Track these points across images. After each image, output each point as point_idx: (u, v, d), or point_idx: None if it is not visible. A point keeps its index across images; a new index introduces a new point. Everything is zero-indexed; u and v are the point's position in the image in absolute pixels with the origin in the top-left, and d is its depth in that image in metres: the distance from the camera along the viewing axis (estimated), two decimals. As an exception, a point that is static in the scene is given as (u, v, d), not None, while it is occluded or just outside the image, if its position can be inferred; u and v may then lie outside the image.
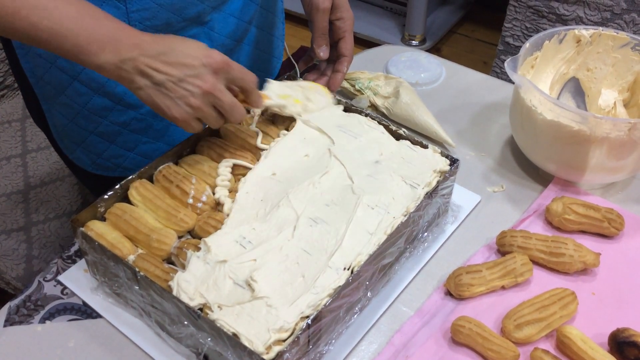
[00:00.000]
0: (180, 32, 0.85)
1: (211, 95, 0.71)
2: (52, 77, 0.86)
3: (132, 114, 0.89)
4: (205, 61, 0.70)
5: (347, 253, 0.70)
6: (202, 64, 0.70)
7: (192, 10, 0.84)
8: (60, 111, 0.90)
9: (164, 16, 0.82)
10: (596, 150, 0.84)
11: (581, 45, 0.97)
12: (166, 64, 0.69)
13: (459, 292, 0.76)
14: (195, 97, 0.70)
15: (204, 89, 0.70)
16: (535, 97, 0.86)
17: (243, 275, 0.68)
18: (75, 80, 0.85)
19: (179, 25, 0.84)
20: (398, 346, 0.73)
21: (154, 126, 0.91)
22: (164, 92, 0.70)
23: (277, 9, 1.05)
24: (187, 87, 0.70)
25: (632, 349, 0.69)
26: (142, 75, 0.69)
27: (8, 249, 1.26)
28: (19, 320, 0.75)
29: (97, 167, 0.95)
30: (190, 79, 0.70)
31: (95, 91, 0.86)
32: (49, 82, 0.87)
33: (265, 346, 0.61)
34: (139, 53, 0.68)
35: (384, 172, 0.80)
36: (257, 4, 0.96)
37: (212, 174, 0.80)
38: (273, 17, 1.04)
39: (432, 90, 1.12)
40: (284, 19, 1.10)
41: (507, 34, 1.78)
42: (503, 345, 0.70)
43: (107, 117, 0.89)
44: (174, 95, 0.70)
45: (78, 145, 0.93)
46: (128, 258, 0.71)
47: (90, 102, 0.87)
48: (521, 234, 0.81)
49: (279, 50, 1.10)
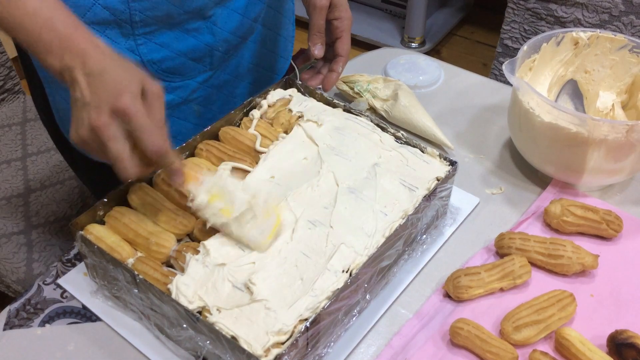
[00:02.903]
0: (182, 24, 0.85)
1: (97, 133, 0.64)
2: None
3: None
4: (114, 98, 0.64)
5: (346, 256, 0.70)
6: (110, 99, 0.64)
7: (194, 3, 0.84)
8: (63, 95, 0.90)
9: (165, 7, 0.82)
10: (594, 153, 0.84)
11: (579, 48, 0.97)
12: (90, 85, 0.65)
13: (457, 294, 0.76)
14: (84, 129, 0.65)
15: (92, 123, 0.64)
16: (533, 100, 0.86)
17: (242, 278, 0.68)
18: None
19: (180, 17, 0.84)
20: (397, 348, 0.73)
21: None
22: (73, 110, 0.66)
23: (285, 10, 1.05)
24: (84, 115, 0.64)
25: (630, 350, 0.69)
26: (72, 86, 0.66)
27: (8, 253, 1.26)
28: (18, 323, 0.75)
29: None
30: (91, 108, 0.64)
31: None
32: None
33: (264, 349, 0.62)
34: (79, 64, 0.65)
35: (383, 175, 0.80)
36: (264, 3, 0.96)
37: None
38: (281, 17, 1.04)
39: (430, 93, 1.12)
40: (294, 20, 1.10)
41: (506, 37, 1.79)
42: (502, 347, 0.70)
43: None
44: (75, 116, 0.66)
45: None
46: (127, 261, 0.71)
47: None
48: (519, 236, 0.81)
49: (287, 50, 1.10)
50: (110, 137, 0.64)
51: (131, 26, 0.84)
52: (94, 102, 0.64)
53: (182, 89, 0.94)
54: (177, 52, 0.89)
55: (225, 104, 1.02)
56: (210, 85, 0.97)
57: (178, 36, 0.88)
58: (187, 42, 0.89)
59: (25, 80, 1.04)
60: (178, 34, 0.88)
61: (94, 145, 0.66)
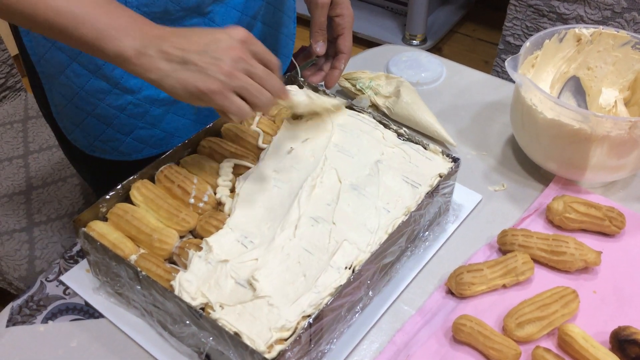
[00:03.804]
0: (180, 21, 0.85)
1: (242, 61, 0.68)
2: (52, 57, 0.86)
3: (129, 98, 0.89)
4: (229, 33, 0.68)
5: (349, 252, 0.70)
6: (228, 36, 0.68)
7: (192, 0, 0.84)
8: (60, 91, 0.91)
9: (162, 4, 0.82)
10: (597, 149, 0.84)
11: (582, 44, 0.97)
12: (190, 41, 0.67)
13: (460, 290, 0.76)
14: (224, 63, 0.67)
15: (232, 53, 0.67)
16: (535, 96, 0.86)
17: (245, 275, 0.68)
18: (74, 62, 0.85)
19: (177, 14, 0.84)
20: (399, 345, 0.73)
21: (151, 112, 0.91)
22: (192, 69, 0.67)
23: (286, 7, 1.05)
24: (215, 54, 0.67)
25: (633, 347, 0.69)
26: (167, 60, 0.67)
27: (10, 250, 1.26)
28: (21, 320, 0.75)
29: (94, 149, 0.95)
30: (216, 47, 0.67)
31: (92, 73, 0.86)
32: (49, 61, 0.87)
33: (267, 345, 0.62)
34: (162, 39, 0.67)
35: (385, 172, 0.80)
36: (264, 0, 0.96)
37: (214, 174, 0.80)
38: (282, 14, 1.04)
39: (433, 90, 1.12)
40: (295, 18, 1.10)
41: (508, 33, 1.78)
42: (504, 344, 0.70)
43: (104, 100, 0.89)
44: (203, 65, 0.67)
45: (76, 126, 0.93)
46: (130, 258, 0.71)
47: (87, 84, 0.87)
48: (522, 232, 0.81)
49: (288, 48, 1.10)
50: (253, 60, 0.69)
51: None
52: (214, 43, 0.67)
53: None
54: None
55: None
56: None
57: None
58: None
59: (26, 78, 1.04)
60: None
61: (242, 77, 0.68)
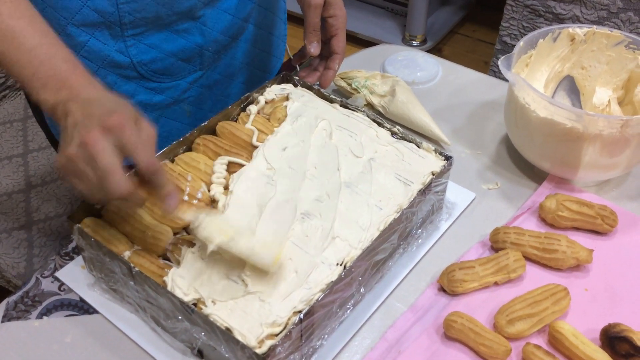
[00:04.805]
0: (171, 25, 0.86)
1: (86, 149, 0.60)
2: None
3: None
4: (104, 117, 0.62)
5: (340, 249, 0.71)
6: (102, 117, 0.62)
7: (183, 4, 0.85)
8: None
9: (154, 9, 0.83)
10: (589, 148, 0.84)
11: (575, 44, 0.97)
12: (83, 109, 0.63)
13: (452, 288, 0.77)
14: (72, 146, 0.61)
15: (81, 139, 0.60)
16: (528, 95, 0.86)
17: (237, 271, 0.68)
18: None
19: (169, 18, 0.85)
20: (391, 341, 0.73)
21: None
22: (63, 136, 0.64)
23: (277, 9, 1.05)
24: (73, 134, 0.62)
25: (623, 344, 0.69)
26: (64, 118, 0.64)
27: (9, 248, 1.27)
28: (16, 315, 0.76)
29: None
30: (80, 127, 0.62)
31: None
32: None
33: (258, 340, 0.62)
34: (75, 97, 0.65)
35: (378, 170, 0.80)
36: (255, 3, 0.97)
37: (208, 171, 0.80)
38: (273, 16, 1.05)
39: (428, 89, 1.12)
40: (287, 19, 1.11)
41: (505, 33, 1.79)
42: (495, 340, 0.70)
43: None
44: (63, 139, 0.63)
45: None
46: (124, 254, 0.72)
47: None
48: (514, 230, 0.81)
49: (280, 49, 1.10)
50: (99, 151, 0.60)
51: (120, 28, 0.84)
52: (85, 122, 0.62)
53: (172, 90, 0.95)
54: (166, 53, 0.90)
55: (216, 104, 1.02)
56: (201, 85, 0.98)
57: (167, 37, 0.88)
58: (176, 43, 0.89)
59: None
60: (167, 35, 0.88)
61: (81, 165, 0.61)
